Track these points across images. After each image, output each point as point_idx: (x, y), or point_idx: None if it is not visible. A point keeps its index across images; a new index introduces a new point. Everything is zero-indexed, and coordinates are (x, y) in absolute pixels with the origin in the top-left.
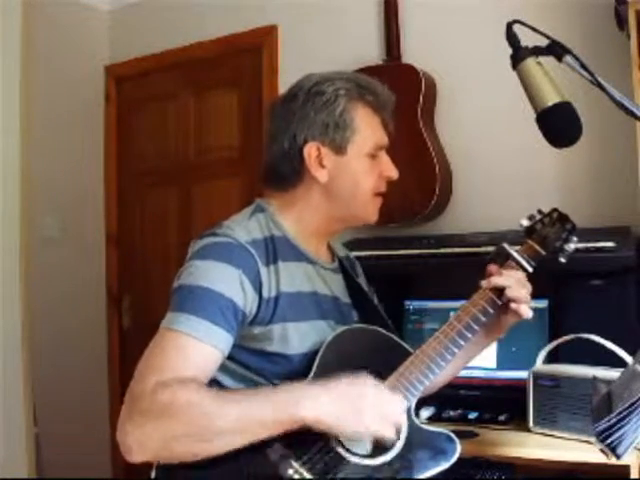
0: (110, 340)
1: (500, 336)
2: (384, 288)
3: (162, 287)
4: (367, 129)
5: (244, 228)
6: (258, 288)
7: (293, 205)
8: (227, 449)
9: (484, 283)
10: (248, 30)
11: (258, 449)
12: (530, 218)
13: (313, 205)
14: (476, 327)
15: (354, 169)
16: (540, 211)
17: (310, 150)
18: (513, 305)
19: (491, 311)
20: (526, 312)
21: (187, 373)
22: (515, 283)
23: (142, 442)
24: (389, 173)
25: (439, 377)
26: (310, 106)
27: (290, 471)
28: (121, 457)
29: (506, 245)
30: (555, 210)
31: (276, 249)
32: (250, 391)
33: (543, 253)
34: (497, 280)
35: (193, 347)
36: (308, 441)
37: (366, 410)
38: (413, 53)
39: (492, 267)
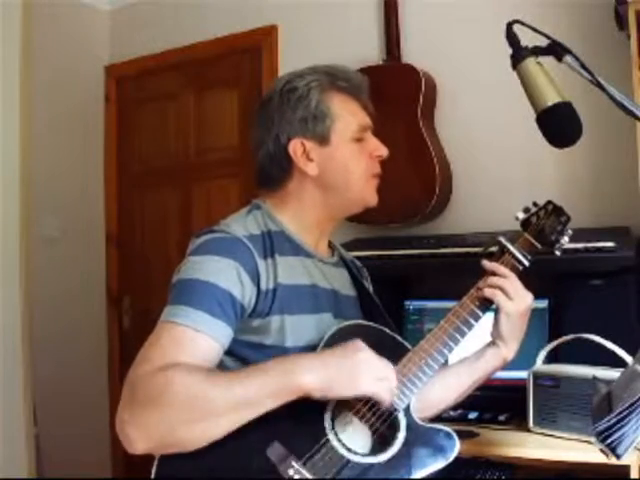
0: (110, 340)
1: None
2: (384, 288)
3: (162, 287)
4: (346, 114)
5: (241, 224)
6: (256, 280)
7: (288, 202)
8: (228, 428)
9: (481, 284)
10: (248, 30)
11: (258, 449)
12: (525, 211)
13: (309, 199)
14: (473, 322)
15: (342, 156)
16: (535, 203)
17: (295, 147)
18: (487, 291)
19: (488, 305)
20: (492, 294)
21: (186, 362)
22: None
23: (142, 429)
24: (378, 152)
25: (450, 392)
26: (286, 105)
27: (290, 471)
28: (121, 457)
29: (502, 239)
30: (550, 202)
31: (273, 243)
32: (245, 368)
33: (539, 246)
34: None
35: (191, 338)
36: (308, 440)
37: (361, 372)
38: (413, 53)
39: (487, 264)
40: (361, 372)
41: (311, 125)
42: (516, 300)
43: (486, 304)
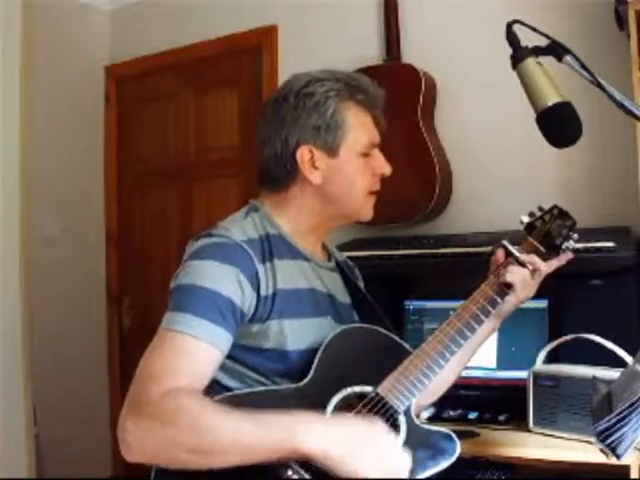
0: (110, 340)
1: (498, 326)
2: (384, 288)
3: (162, 287)
4: (359, 128)
5: (239, 228)
6: (256, 286)
7: (287, 205)
8: (223, 466)
9: (492, 277)
10: (248, 30)
11: None
12: (530, 215)
13: (307, 206)
14: (476, 326)
15: (348, 170)
16: (540, 208)
17: (303, 153)
18: (509, 275)
19: (491, 310)
20: (512, 278)
21: (189, 373)
22: (521, 283)
23: (142, 442)
24: (382, 170)
25: (446, 374)
26: (301, 108)
27: (289, 471)
28: (121, 457)
29: (506, 242)
30: (555, 207)
31: (272, 247)
32: (257, 413)
33: (543, 251)
34: (508, 277)
35: (193, 347)
36: None
37: (369, 463)
38: (413, 53)
39: (500, 254)
40: (368, 464)
41: (323, 134)
42: (528, 289)
43: (488, 310)
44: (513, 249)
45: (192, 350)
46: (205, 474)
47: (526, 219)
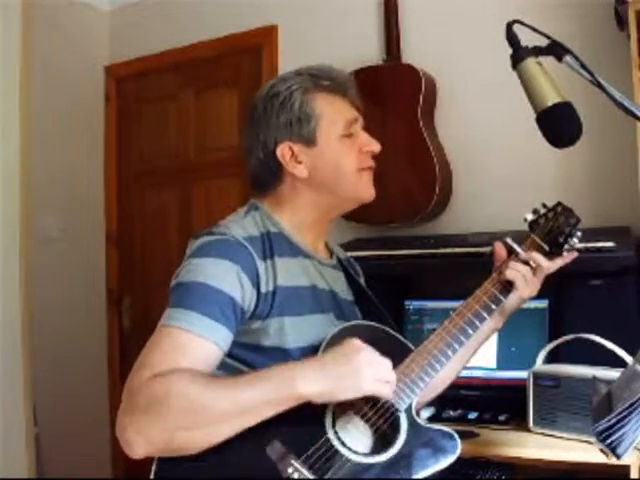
0: (110, 340)
1: (501, 325)
2: (384, 288)
3: (162, 287)
4: (331, 112)
5: (240, 226)
6: (256, 283)
7: (283, 204)
8: (229, 434)
9: (495, 275)
10: (248, 30)
11: (258, 447)
12: (534, 212)
13: (302, 200)
14: (478, 324)
15: (330, 154)
16: (544, 205)
17: (283, 151)
18: (509, 272)
19: (493, 308)
20: (514, 276)
21: (187, 366)
22: (522, 281)
23: (143, 435)
24: (369, 147)
25: (447, 372)
26: (270, 110)
27: (290, 470)
28: (121, 457)
29: (509, 240)
30: (559, 204)
31: (272, 245)
32: (245, 374)
33: (546, 248)
34: (508, 274)
35: (191, 342)
36: (308, 439)
37: (362, 377)
38: (413, 53)
39: (499, 248)
40: (362, 376)
41: (296, 127)
42: (531, 287)
43: (490, 307)
44: (515, 246)
45: (192, 346)
46: (206, 471)
47: (530, 217)
